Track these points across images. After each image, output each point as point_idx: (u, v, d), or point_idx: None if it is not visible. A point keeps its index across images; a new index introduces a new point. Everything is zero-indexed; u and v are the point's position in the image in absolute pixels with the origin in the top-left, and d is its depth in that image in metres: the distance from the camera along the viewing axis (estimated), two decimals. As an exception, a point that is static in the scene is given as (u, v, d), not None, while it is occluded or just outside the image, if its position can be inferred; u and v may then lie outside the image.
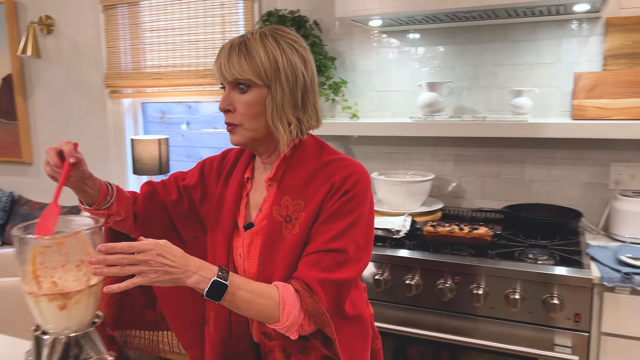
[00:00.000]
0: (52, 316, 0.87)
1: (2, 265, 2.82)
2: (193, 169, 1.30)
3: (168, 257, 0.91)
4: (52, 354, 0.88)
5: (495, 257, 1.80)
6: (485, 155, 2.32)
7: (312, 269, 1.03)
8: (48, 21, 3.34)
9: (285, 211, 1.09)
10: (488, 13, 2.00)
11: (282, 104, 1.06)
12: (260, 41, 1.05)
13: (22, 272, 0.87)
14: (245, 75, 1.04)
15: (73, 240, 0.86)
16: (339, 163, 1.11)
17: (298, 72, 1.07)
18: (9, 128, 3.65)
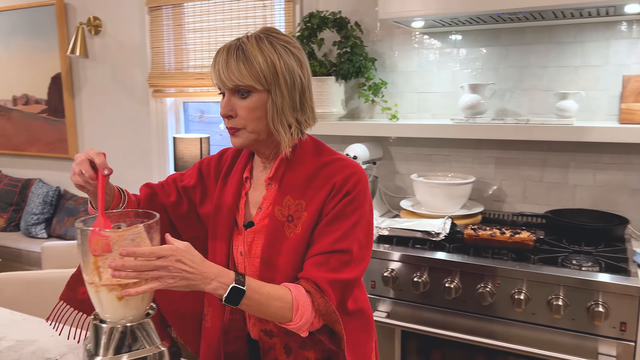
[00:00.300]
0: (111, 306, 0.91)
1: (49, 257, 2.92)
2: (190, 170, 1.31)
3: (187, 263, 0.92)
4: (110, 342, 0.92)
5: (538, 262, 1.78)
6: (527, 158, 2.28)
7: (320, 270, 1.06)
8: (96, 22, 3.46)
9: (287, 211, 1.11)
10: (534, 14, 1.98)
11: (282, 107, 1.08)
12: (256, 46, 1.06)
13: (84, 262, 0.92)
14: (245, 82, 1.05)
15: (132, 234, 0.89)
16: (338, 163, 1.13)
17: (295, 75, 1.09)
18: (57, 125, 3.80)
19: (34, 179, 3.93)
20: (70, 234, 3.57)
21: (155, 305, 1.01)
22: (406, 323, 1.89)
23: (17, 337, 1.30)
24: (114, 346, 0.92)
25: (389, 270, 1.92)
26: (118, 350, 0.93)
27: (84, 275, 0.93)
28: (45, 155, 3.92)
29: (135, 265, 0.88)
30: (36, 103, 3.88)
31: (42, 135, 3.89)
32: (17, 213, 3.88)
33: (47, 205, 3.73)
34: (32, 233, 3.70)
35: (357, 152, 2.30)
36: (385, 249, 1.94)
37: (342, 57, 2.43)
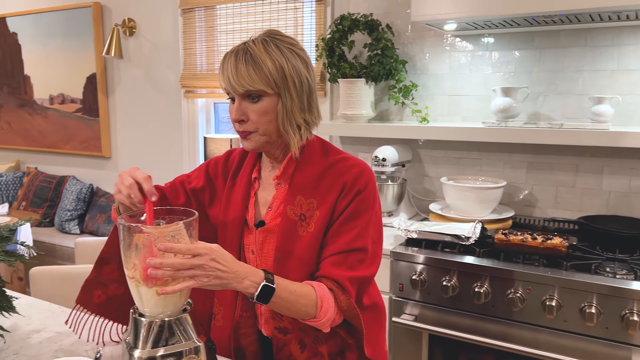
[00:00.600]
0: (150, 300, 0.94)
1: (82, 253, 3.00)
2: (197, 172, 1.32)
3: (221, 262, 0.94)
4: (149, 335, 0.95)
5: (570, 268, 1.75)
6: (560, 163, 2.25)
7: (339, 268, 1.09)
8: (130, 24, 3.54)
9: (300, 210, 1.13)
10: (570, 17, 1.95)
11: (292, 109, 1.10)
12: (264, 49, 1.07)
13: (126, 257, 0.94)
14: (256, 86, 1.06)
15: (172, 231, 0.91)
16: (346, 162, 1.16)
17: (303, 76, 1.11)
18: (91, 124, 3.89)
19: (68, 176, 4.04)
20: (101, 231, 3.65)
21: (191, 302, 1.03)
22: (434, 327, 1.88)
23: (56, 328, 1.34)
24: (152, 339, 0.95)
25: (417, 273, 1.91)
26: (156, 344, 0.95)
27: (125, 270, 0.95)
28: (79, 153, 4.02)
29: (172, 264, 0.90)
30: (72, 102, 3.99)
31: (77, 134, 4.00)
32: (52, 209, 3.99)
33: (80, 202, 3.82)
34: (65, 229, 3.80)
35: (386, 154, 2.30)
36: (414, 252, 1.94)
37: (373, 59, 2.44)
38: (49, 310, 1.46)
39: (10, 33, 4.23)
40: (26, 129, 4.32)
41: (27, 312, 1.42)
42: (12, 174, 4.24)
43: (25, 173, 4.25)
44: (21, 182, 4.23)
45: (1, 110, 4.45)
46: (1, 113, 4.46)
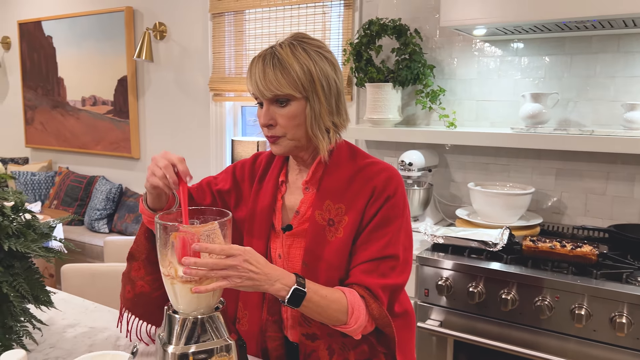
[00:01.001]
0: (184, 298, 0.96)
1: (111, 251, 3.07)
2: (224, 174, 1.32)
3: (254, 263, 0.96)
4: (182, 331, 0.97)
5: (600, 277, 1.72)
6: (590, 170, 2.22)
7: (371, 276, 1.09)
8: (161, 28, 3.61)
9: (328, 215, 1.13)
10: (602, 23, 1.92)
11: (320, 113, 1.09)
12: (291, 53, 1.06)
13: (162, 255, 0.97)
14: (284, 90, 1.06)
15: (207, 230, 0.94)
16: (375, 167, 1.15)
17: (330, 79, 1.10)
18: (121, 125, 3.98)
19: (98, 176, 4.14)
20: (130, 230, 3.73)
21: (224, 300, 1.05)
22: (459, 333, 1.87)
23: (90, 323, 1.38)
24: (185, 336, 0.97)
25: (443, 279, 1.91)
26: (188, 341, 0.97)
27: (161, 267, 0.98)
28: (109, 154, 4.12)
29: (207, 263, 0.92)
30: (103, 104, 4.09)
31: (107, 135, 4.09)
32: (82, 208, 4.09)
33: (109, 202, 3.91)
34: (95, 228, 3.89)
35: (413, 159, 2.30)
36: (440, 257, 1.93)
37: (401, 64, 2.44)
38: (82, 306, 1.50)
39: (46, 37, 4.36)
40: (59, 130, 4.44)
41: (63, 307, 1.46)
42: (45, 174, 4.36)
43: (57, 173, 4.36)
44: (53, 182, 4.34)
45: (35, 111, 4.59)
46: (35, 114, 4.59)
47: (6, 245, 1.01)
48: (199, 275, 0.92)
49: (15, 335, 1.06)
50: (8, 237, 1.04)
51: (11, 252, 1.04)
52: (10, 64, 4.75)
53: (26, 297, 1.04)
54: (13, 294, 0.99)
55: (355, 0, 2.76)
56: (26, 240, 1.07)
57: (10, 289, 0.99)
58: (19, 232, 1.08)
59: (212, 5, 3.29)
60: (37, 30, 4.40)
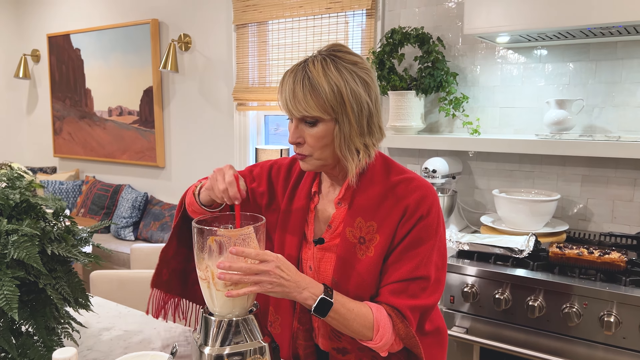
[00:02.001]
0: (220, 300, 0.99)
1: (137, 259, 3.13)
2: (259, 170, 1.31)
3: (285, 270, 0.98)
4: (218, 333, 1.00)
5: (630, 284, 1.71)
6: (617, 177, 2.20)
7: (400, 297, 1.08)
8: (186, 39, 3.69)
9: (359, 233, 1.12)
10: (628, 29, 1.92)
11: (350, 134, 1.07)
12: (322, 73, 1.04)
13: (198, 259, 1.00)
14: (312, 113, 1.05)
15: (243, 234, 0.97)
16: (409, 184, 1.12)
17: (362, 101, 1.07)
18: (147, 135, 4.06)
19: (124, 185, 4.22)
20: (155, 238, 3.79)
21: (257, 303, 1.08)
22: (486, 340, 1.86)
23: (124, 327, 1.42)
24: (221, 338, 1.00)
25: (468, 286, 1.91)
26: (223, 342, 1.00)
27: (198, 271, 1.01)
28: (135, 163, 4.20)
29: (241, 268, 0.95)
30: (129, 114, 4.18)
31: (133, 144, 4.18)
32: (108, 216, 4.17)
33: (135, 210, 3.99)
34: (121, 235, 3.96)
35: (436, 166, 2.31)
36: (465, 264, 1.93)
37: (423, 72, 2.46)
38: (116, 310, 1.54)
39: (74, 49, 4.49)
40: (86, 140, 4.55)
41: (97, 311, 1.50)
42: (72, 182, 4.46)
43: (84, 182, 4.46)
44: (80, 190, 4.44)
45: (63, 121, 4.71)
46: (63, 124, 4.71)
47: (49, 250, 1.06)
48: (234, 280, 0.96)
49: (57, 337, 1.10)
50: (50, 241, 1.09)
51: (54, 256, 1.09)
52: (40, 75, 4.89)
53: (68, 300, 1.08)
54: (56, 297, 1.03)
55: (378, 10, 2.79)
56: (67, 244, 1.11)
57: (53, 292, 1.03)
58: (60, 237, 1.12)
59: (236, 16, 3.35)
60: (66, 43, 4.53)
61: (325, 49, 1.12)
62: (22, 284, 1.01)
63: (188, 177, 3.89)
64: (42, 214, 1.14)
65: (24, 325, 1.06)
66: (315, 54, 1.11)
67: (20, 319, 1.03)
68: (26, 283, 1.03)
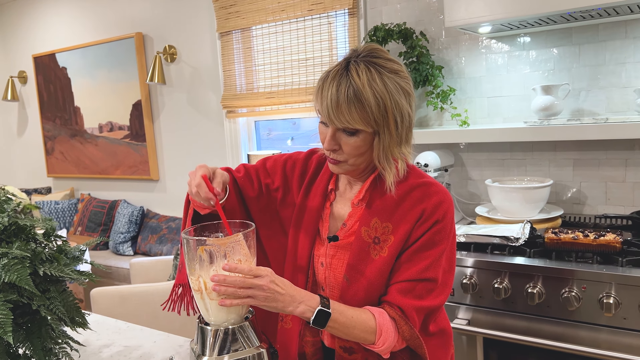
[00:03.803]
0: (215, 309, 0.99)
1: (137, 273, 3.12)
2: (274, 165, 1.29)
3: (279, 284, 0.99)
4: (215, 342, 1.00)
5: (627, 264, 1.71)
6: (608, 158, 2.21)
7: (406, 297, 1.08)
8: (171, 50, 3.69)
9: (374, 233, 1.12)
10: (608, 10, 1.93)
11: (390, 145, 1.07)
12: (367, 83, 1.01)
13: (190, 270, 1.00)
14: (355, 125, 1.03)
15: (232, 242, 0.97)
16: (427, 189, 1.12)
17: (404, 112, 1.06)
18: (139, 149, 4.05)
19: (120, 200, 4.21)
20: (154, 251, 3.79)
21: (253, 309, 1.07)
22: (488, 330, 1.87)
23: (124, 343, 1.42)
24: (218, 347, 1.00)
25: (467, 277, 1.91)
26: (221, 351, 1.00)
27: (190, 282, 1.01)
28: (129, 178, 4.19)
29: (235, 282, 0.95)
30: (120, 129, 4.17)
31: (126, 159, 4.17)
32: (105, 232, 4.16)
33: (132, 224, 3.98)
34: (119, 251, 3.95)
35: (428, 160, 2.31)
36: (463, 256, 1.93)
37: (409, 67, 2.46)
38: (115, 326, 1.54)
39: (60, 68, 4.48)
40: (79, 158, 4.54)
41: (96, 329, 1.50)
42: (68, 201, 4.45)
43: (80, 199, 4.45)
44: (76, 209, 4.43)
45: (55, 141, 4.70)
46: (55, 144, 4.70)
47: (41, 271, 1.05)
48: (228, 293, 0.96)
49: (55, 357, 1.10)
50: (42, 262, 1.08)
51: (46, 277, 1.08)
52: (28, 97, 4.88)
53: (63, 320, 1.08)
54: (51, 317, 1.03)
55: (360, 8, 2.79)
56: (59, 264, 1.11)
57: (48, 312, 1.03)
58: (52, 257, 1.12)
59: (219, 24, 3.35)
60: (52, 62, 4.53)
61: (363, 52, 1.07)
62: (16, 307, 1.01)
63: (183, 188, 3.89)
64: (33, 235, 1.14)
65: (20, 348, 1.05)
66: (355, 58, 1.06)
67: (16, 342, 1.03)
68: (20, 305, 1.03)
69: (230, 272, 0.96)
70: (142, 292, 2.61)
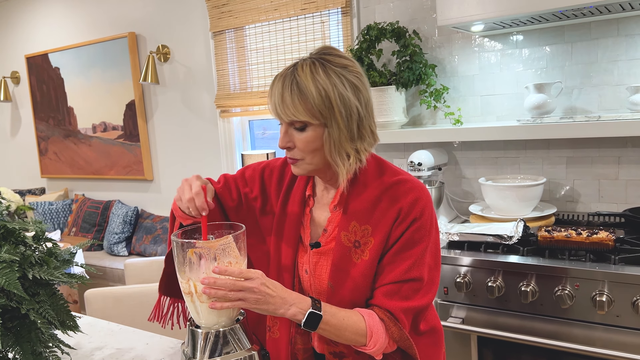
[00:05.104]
0: (205, 312, 0.99)
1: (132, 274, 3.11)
2: (253, 174, 1.29)
3: (270, 287, 0.99)
4: (205, 345, 0.99)
5: (619, 262, 1.71)
6: (601, 156, 2.21)
7: (393, 299, 1.08)
8: (165, 50, 3.67)
9: (354, 237, 1.11)
10: (600, 8, 1.93)
11: (339, 139, 1.06)
12: (310, 77, 1.03)
13: (180, 272, 1.00)
14: (300, 117, 1.04)
15: (222, 244, 0.96)
16: (403, 186, 1.11)
17: (351, 105, 1.05)
18: (133, 149, 4.04)
19: (114, 201, 4.20)
20: (148, 251, 3.77)
21: (244, 312, 1.07)
22: (482, 328, 1.87)
23: (116, 345, 1.41)
24: (209, 349, 0.99)
25: (461, 276, 1.91)
26: (212, 354, 1.00)
27: (180, 285, 1.01)
28: (123, 178, 4.18)
29: (225, 284, 0.95)
30: (113, 129, 4.16)
31: (120, 159, 4.15)
32: (100, 233, 4.15)
33: (126, 225, 3.96)
34: (114, 251, 3.94)
35: (422, 159, 2.31)
36: (457, 255, 1.94)
37: (402, 66, 2.46)
38: (108, 328, 1.53)
39: (53, 68, 4.46)
40: (72, 158, 4.52)
41: (88, 331, 1.49)
42: (62, 202, 4.43)
43: (74, 200, 4.44)
44: (70, 209, 4.42)
45: (48, 141, 4.67)
46: (49, 144, 4.68)
47: (30, 274, 1.05)
48: (218, 296, 0.95)
49: (45, 361, 1.09)
50: (31, 265, 1.08)
51: (35, 280, 1.08)
52: (21, 97, 4.85)
53: (53, 323, 1.07)
54: (40, 321, 1.02)
55: (353, 7, 2.79)
56: (49, 267, 1.10)
57: (37, 316, 1.02)
58: (42, 261, 1.11)
59: (212, 24, 3.34)
60: (45, 62, 4.50)
61: (315, 51, 1.11)
62: (5, 311, 1.00)
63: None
64: (22, 238, 1.13)
65: (10, 352, 1.04)
66: (306, 57, 1.10)
67: (5, 346, 1.02)
68: (9, 309, 1.02)
69: (220, 275, 0.95)
70: (137, 293, 2.59)
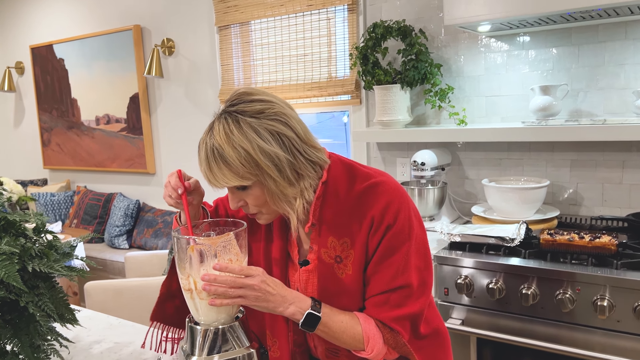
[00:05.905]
0: (205, 309, 0.98)
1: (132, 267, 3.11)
2: None
3: (271, 284, 0.98)
4: (204, 342, 0.99)
5: (621, 267, 1.71)
6: (605, 160, 2.20)
7: (383, 309, 1.06)
8: (169, 43, 3.66)
9: (334, 252, 1.08)
10: (608, 11, 1.91)
11: (279, 190, 1.02)
12: (226, 140, 0.99)
13: (180, 268, 0.99)
14: (233, 183, 1.01)
15: (223, 241, 0.96)
16: (372, 191, 1.07)
17: (277, 156, 1.00)
18: (136, 142, 4.04)
19: (116, 193, 4.19)
20: (149, 245, 3.78)
21: (243, 309, 1.07)
22: (482, 330, 1.86)
23: (115, 339, 1.41)
24: (208, 347, 0.99)
25: (462, 277, 1.90)
26: (211, 351, 0.99)
27: (180, 281, 1.00)
28: (125, 171, 4.18)
29: (226, 281, 0.94)
30: (116, 122, 4.15)
31: (122, 152, 4.15)
32: (101, 225, 4.15)
33: (128, 218, 3.96)
34: (115, 244, 3.94)
35: (425, 159, 2.30)
36: (458, 256, 1.93)
37: (407, 65, 2.45)
38: (107, 322, 1.53)
39: (58, 59, 4.45)
40: (75, 150, 4.52)
41: (87, 324, 1.49)
42: (64, 194, 4.43)
43: (76, 192, 4.44)
44: (72, 201, 4.42)
45: (51, 133, 4.67)
46: (52, 136, 4.68)
47: (30, 267, 1.04)
48: (219, 293, 0.95)
49: (43, 354, 1.09)
50: (31, 258, 1.07)
51: (35, 273, 1.07)
52: (25, 87, 4.85)
53: (52, 316, 1.06)
54: (39, 314, 1.02)
55: (359, 4, 2.77)
56: (49, 260, 1.10)
57: (36, 309, 1.02)
58: (42, 253, 1.11)
59: (217, 18, 3.33)
60: (49, 53, 4.50)
61: (230, 101, 1.06)
62: (3, 303, 1.00)
63: (179, 182, 3.87)
64: (22, 230, 1.12)
65: (8, 345, 1.04)
66: (221, 110, 1.06)
67: (4, 338, 1.02)
68: (7, 302, 1.02)
69: (220, 272, 0.95)
70: (137, 286, 2.59)
